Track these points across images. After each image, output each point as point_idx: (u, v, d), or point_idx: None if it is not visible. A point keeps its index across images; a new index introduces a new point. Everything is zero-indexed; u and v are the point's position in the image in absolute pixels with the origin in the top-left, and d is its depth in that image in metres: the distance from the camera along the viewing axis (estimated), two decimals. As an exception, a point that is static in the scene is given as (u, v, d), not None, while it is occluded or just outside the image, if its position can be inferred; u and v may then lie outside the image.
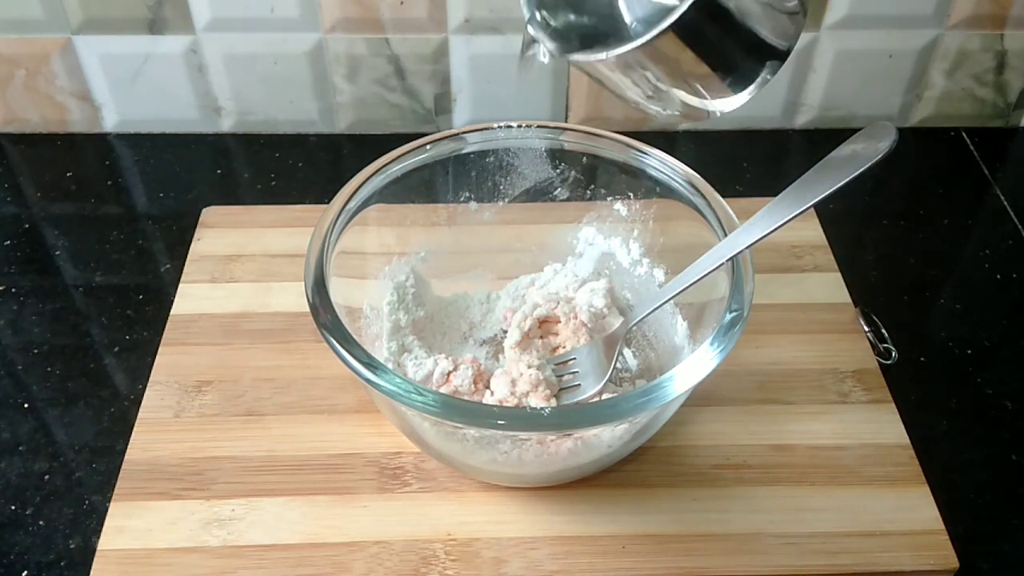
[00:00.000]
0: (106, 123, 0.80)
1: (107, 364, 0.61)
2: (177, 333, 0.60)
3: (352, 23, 0.74)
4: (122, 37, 0.75)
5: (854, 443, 0.53)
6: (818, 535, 0.49)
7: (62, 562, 0.50)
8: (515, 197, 0.58)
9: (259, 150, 0.80)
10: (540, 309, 0.54)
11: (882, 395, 0.56)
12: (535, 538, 0.49)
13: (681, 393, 0.43)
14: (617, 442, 0.47)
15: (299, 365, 0.58)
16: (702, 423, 0.54)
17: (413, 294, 0.57)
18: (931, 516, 0.50)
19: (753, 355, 0.57)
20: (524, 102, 0.79)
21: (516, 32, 0.74)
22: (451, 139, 0.55)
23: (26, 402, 0.59)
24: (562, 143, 0.56)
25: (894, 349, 0.60)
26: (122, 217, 0.73)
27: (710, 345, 0.44)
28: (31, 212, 0.73)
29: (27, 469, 0.55)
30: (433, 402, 0.42)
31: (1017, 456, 0.56)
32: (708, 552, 0.49)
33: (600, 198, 0.58)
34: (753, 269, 0.47)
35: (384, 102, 0.79)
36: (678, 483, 0.52)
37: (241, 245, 0.66)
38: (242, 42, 0.75)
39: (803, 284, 0.63)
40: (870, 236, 0.71)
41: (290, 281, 0.63)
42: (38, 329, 0.63)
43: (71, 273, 0.68)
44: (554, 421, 0.42)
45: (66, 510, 0.53)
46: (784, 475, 0.52)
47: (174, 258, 0.68)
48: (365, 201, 0.52)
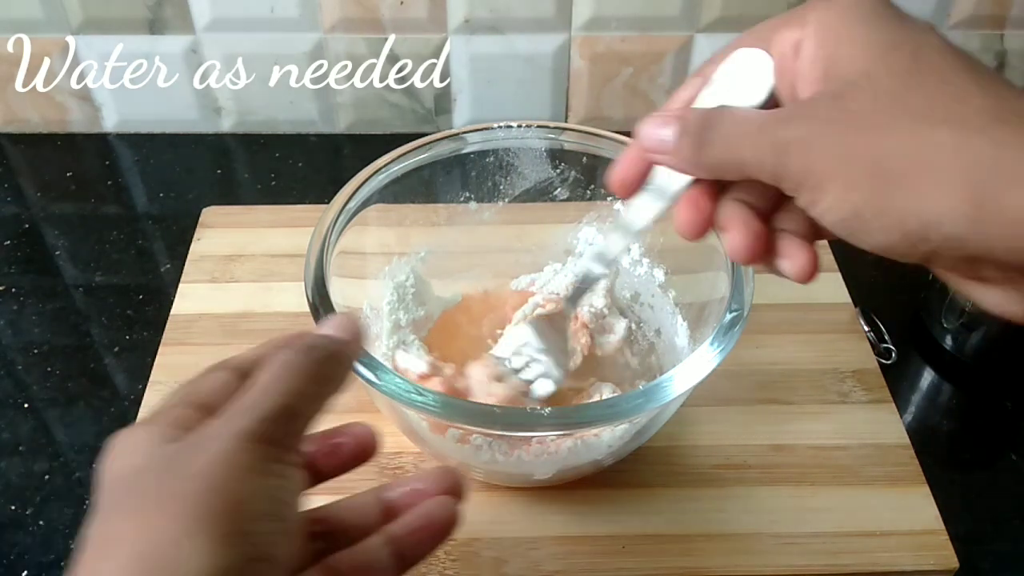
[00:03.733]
0: (106, 123, 0.80)
1: (107, 364, 0.61)
2: (177, 333, 0.60)
3: (352, 23, 0.74)
4: (122, 37, 0.74)
5: (854, 443, 0.53)
6: (818, 535, 0.49)
7: (62, 562, 0.50)
8: (515, 197, 0.58)
9: (259, 150, 0.80)
10: (540, 309, 0.54)
11: (882, 395, 0.56)
12: (535, 538, 0.49)
13: (681, 393, 0.43)
14: (617, 442, 0.47)
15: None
16: (702, 423, 0.54)
17: (413, 294, 0.57)
18: (931, 516, 0.50)
19: (753, 355, 0.57)
20: (524, 102, 0.79)
21: (516, 32, 0.74)
22: (451, 139, 0.55)
23: (26, 402, 0.59)
24: (562, 143, 0.56)
25: (894, 349, 0.60)
26: (122, 217, 0.73)
27: (710, 345, 0.44)
28: (31, 212, 0.73)
29: (27, 469, 0.55)
30: (433, 402, 0.42)
31: (1017, 456, 0.56)
32: (708, 552, 0.49)
33: (600, 198, 0.58)
34: (753, 269, 0.47)
35: (384, 102, 0.79)
36: (678, 483, 0.52)
37: (241, 245, 0.66)
38: (242, 42, 0.75)
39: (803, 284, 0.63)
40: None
41: (290, 281, 0.63)
42: (38, 329, 0.63)
43: (71, 273, 0.68)
44: (554, 421, 0.42)
45: (66, 510, 0.53)
46: (784, 475, 0.52)
47: (174, 258, 0.68)
48: (365, 201, 0.52)
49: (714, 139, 0.32)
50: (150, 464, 0.30)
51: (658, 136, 0.34)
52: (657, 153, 0.34)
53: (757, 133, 0.31)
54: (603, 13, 0.73)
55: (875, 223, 0.29)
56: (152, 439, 0.31)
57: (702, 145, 0.32)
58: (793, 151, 0.30)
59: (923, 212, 0.28)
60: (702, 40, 0.75)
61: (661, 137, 0.34)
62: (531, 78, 0.77)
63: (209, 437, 0.30)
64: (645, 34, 0.75)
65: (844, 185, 0.29)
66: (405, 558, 0.35)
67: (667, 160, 0.34)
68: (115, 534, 0.28)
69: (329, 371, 0.34)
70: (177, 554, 0.27)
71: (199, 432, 0.31)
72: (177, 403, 0.33)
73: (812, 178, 0.30)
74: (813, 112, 0.30)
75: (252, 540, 0.29)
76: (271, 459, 0.30)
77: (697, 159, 0.33)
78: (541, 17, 0.74)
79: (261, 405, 0.31)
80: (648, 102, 0.79)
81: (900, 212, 0.28)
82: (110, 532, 0.29)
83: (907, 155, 0.28)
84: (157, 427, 0.32)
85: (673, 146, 0.33)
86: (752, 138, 0.31)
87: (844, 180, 0.29)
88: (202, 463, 0.29)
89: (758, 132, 0.31)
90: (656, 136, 0.34)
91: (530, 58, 0.76)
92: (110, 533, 0.29)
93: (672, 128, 0.33)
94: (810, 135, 0.30)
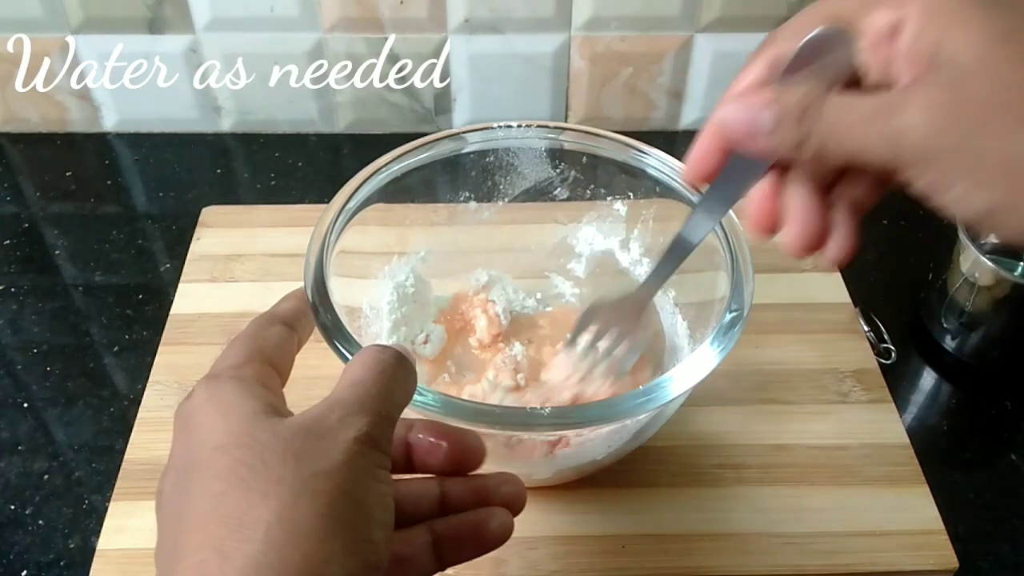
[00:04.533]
0: (106, 122, 0.80)
1: (107, 364, 0.61)
2: (177, 333, 0.60)
3: (352, 22, 0.74)
4: (122, 36, 0.74)
5: (854, 443, 0.53)
6: (818, 535, 0.49)
7: (61, 562, 0.50)
8: (515, 197, 0.58)
9: (259, 149, 0.80)
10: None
11: (882, 395, 0.56)
12: (535, 538, 0.49)
13: (681, 393, 0.43)
14: (617, 442, 0.47)
15: (299, 364, 0.56)
16: (702, 423, 0.54)
17: (413, 294, 0.57)
18: (931, 516, 0.50)
19: (753, 355, 0.57)
20: (524, 102, 0.79)
21: (516, 32, 0.74)
22: (451, 139, 0.55)
23: (25, 402, 0.59)
24: (562, 143, 0.56)
25: (894, 349, 0.60)
26: (121, 216, 0.73)
27: (710, 345, 0.44)
28: (30, 211, 0.73)
29: (26, 469, 0.55)
30: (433, 402, 0.42)
31: (1017, 456, 0.56)
32: (708, 552, 0.49)
33: (600, 198, 0.58)
34: (753, 269, 0.47)
35: (384, 102, 0.79)
36: (678, 483, 0.52)
37: (241, 245, 0.66)
38: (242, 41, 0.75)
39: (803, 284, 0.63)
40: (870, 236, 0.70)
41: (290, 281, 0.62)
42: (37, 329, 0.63)
43: (70, 272, 0.68)
44: (554, 421, 0.42)
45: (65, 510, 0.53)
46: (784, 475, 0.52)
47: (174, 257, 0.68)
48: (365, 201, 0.52)
49: (819, 125, 0.30)
50: (271, 443, 0.29)
51: (752, 120, 0.32)
52: (749, 138, 0.32)
53: (869, 120, 0.29)
54: (603, 13, 0.73)
55: (1011, 220, 0.28)
56: (246, 401, 0.31)
57: (806, 131, 0.31)
58: (912, 142, 0.28)
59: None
60: (702, 40, 0.75)
61: (757, 121, 0.32)
62: (531, 78, 0.77)
63: (330, 431, 0.30)
64: (645, 34, 0.75)
65: (976, 183, 0.28)
66: (445, 560, 0.35)
67: (762, 145, 0.32)
68: (250, 516, 0.27)
69: (411, 386, 0.34)
70: (319, 553, 0.27)
71: (315, 420, 0.30)
72: (250, 355, 0.33)
73: (935, 171, 0.28)
74: (929, 99, 0.28)
75: (373, 548, 0.29)
76: (381, 464, 0.30)
77: (800, 145, 0.31)
78: (541, 17, 0.74)
79: (371, 408, 0.31)
80: (648, 102, 0.79)
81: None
82: (240, 511, 0.27)
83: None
84: (244, 383, 0.32)
85: (771, 131, 0.31)
86: (864, 126, 0.29)
87: (976, 178, 0.28)
88: (331, 461, 0.29)
89: (871, 119, 0.29)
90: (749, 120, 0.32)
91: (530, 58, 0.76)
92: (241, 512, 0.27)
93: (770, 112, 0.31)
94: (931, 126, 0.28)
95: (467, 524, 0.35)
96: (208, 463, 0.29)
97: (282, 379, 0.36)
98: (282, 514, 0.27)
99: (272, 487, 0.28)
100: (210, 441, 0.30)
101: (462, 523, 0.35)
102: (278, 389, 0.35)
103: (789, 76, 0.33)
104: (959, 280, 0.58)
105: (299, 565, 0.26)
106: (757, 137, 0.32)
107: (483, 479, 0.36)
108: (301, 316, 0.40)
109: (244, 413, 0.30)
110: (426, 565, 0.35)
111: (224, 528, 0.27)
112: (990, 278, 0.56)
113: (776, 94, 0.32)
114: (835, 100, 0.31)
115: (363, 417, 0.30)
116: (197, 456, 0.30)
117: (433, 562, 0.35)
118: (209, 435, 0.30)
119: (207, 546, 0.27)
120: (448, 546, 0.35)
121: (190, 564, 0.27)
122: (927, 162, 0.28)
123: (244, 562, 0.26)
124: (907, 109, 0.29)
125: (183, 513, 0.29)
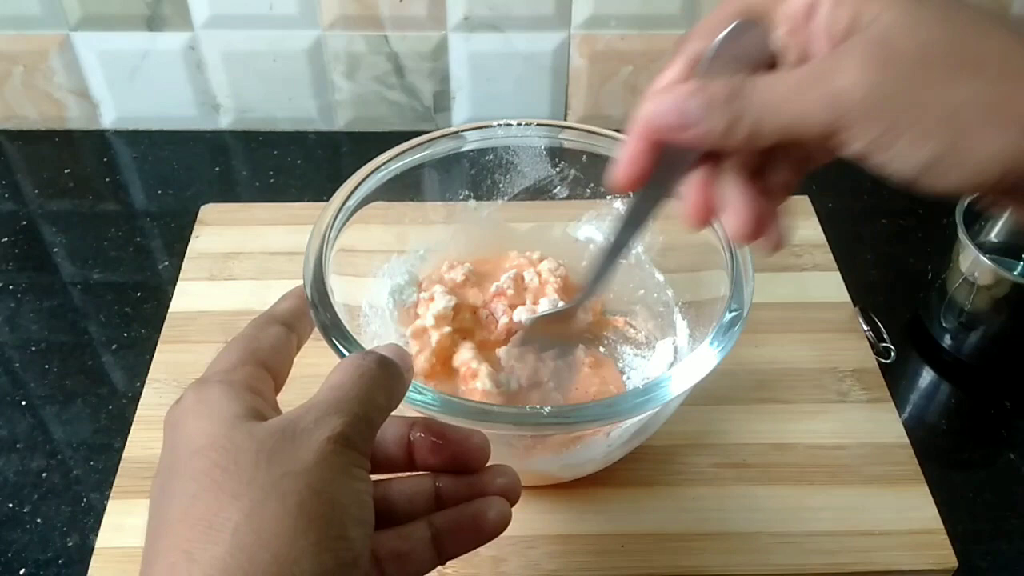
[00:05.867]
0: (104, 120, 0.80)
1: (105, 361, 0.61)
2: (175, 331, 0.60)
3: (351, 20, 0.73)
4: (120, 34, 0.74)
5: (853, 442, 0.53)
6: (817, 534, 0.49)
7: (60, 560, 0.50)
8: (514, 195, 0.58)
9: (258, 147, 0.79)
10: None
11: (881, 394, 0.56)
12: (534, 537, 0.49)
13: (680, 393, 0.42)
14: (617, 441, 0.47)
15: (298, 363, 0.56)
16: (702, 423, 0.54)
17: (412, 293, 0.57)
18: (930, 516, 0.50)
19: (753, 354, 0.57)
20: (523, 100, 0.79)
21: (515, 30, 0.74)
22: (450, 137, 0.55)
23: (24, 399, 0.59)
24: (561, 141, 0.56)
25: (893, 348, 0.60)
26: (120, 214, 0.73)
27: (710, 345, 0.44)
28: (29, 209, 0.73)
29: (25, 467, 0.55)
30: (433, 401, 0.42)
31: (1016, 456, 0.56)
32: (708, 551, 0.49)
33: (600, 196, 0.58)
34: (753, 268, 0.47)
35: (383, 100, 0.79)
36: (678, 482, 0.52)
37: (240, 243, 0.66)
38: (241, 39, 0.75)
39: (802, 283, 0.63)
40: (869, 235, 0.71)
41: (289, 279, 0.63)
42: (36, 326, 0.63)
43: (69, 270, 0.68)
44: (554, 420, 0.42)
45: (64, 508, 0.53)
46: (783, 474, 0.52)
47: (172, 255, 0.68)
48: (364, 199, 0.52)
49: (750, 106, 0.30)
50: (245, 445, 0.29)
51: (680, 110, 0.31)
52: (679, 129, 0.32)
53: (805, 88, 0.29)
54: (602, 11, 0.73)
55: (952, 170, 0.28)
56: (230, 405, 0.31)
57: (737, 113, 0.30)
58: (852, 98, 0.28)
59: (1006, 156, 0.27)
60: (702, 38, 0.75)
61: (685, 110, 0.31)
62: (530, 76, 0.77)
63: (304, 432, 0.30)
64: (644, 32, 0.75)
65: (920, 132, 0.28)
66: (445, 552, 0.35)
67: (693, 134, 0.31)
68: (219, 518, 0.27)
69: (396, 389, 0.34)
70: (289, 553, 0.27)
71: (291, 422, 0.30)
72: (242, 358, 0.33)
73: (876, 126, 0.28)
74: (863, 56, 0.28)
75: (347, 545, 0.29)
76: (357, 464, 0.30)
77: (732, 129, 0.31)
78: (540, 15, 0.73)
79: (348, 409, 0.31)
80: (647, 100, 0.79)
81: (981, 157, 0.28)
82: (210, 513, 0.28)
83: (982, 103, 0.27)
84: (231, 388, 0.32)
85: (699, 119, 0.31)
86: (799, 94, 0.29)
87: (919, 127, 0.28)
88: (303, 462, 0.29)
89: (806, 87, 0.29)
90: (677, 111, 0.31)
91: (529, 56, 0.76)
92: (211, 515, 0.28)
93: (697, 99, 0.31)
94: (868, 79, 0.28)
95: (465, 515, 0.35)
96: (186, 466, 0.30)
97: (280, 380, 0.36)
98: (251, 515, 0.27)
99: (242, 488, 0.28)
100: (191, 444, 0.30)
101: (460, 515, 0.36)
102: (268, 392, 0.35)
103: (709, 70, 0.33)
104: (958, 279, 0.58)
105: (268, 565, 0.27)
106: (687, 127, 0.31)
107: (477, 472, 0.37)
108: (300, 315, 0.40)
109: (226, 417, 0.31)
110: (426, 559, 0.35)
111: (193, 531, 0.28)
112: (989, 277, 0.56)
113: (700, 83, 0.32)
114: (763, 78, 0.31)
115: (338, 417, 0.30)
116: (178, 459, 0.30)
117: (433, 556, 0.35)
118: (191, 438, 0.30)
119: (177, 548, 0.27)
120: (447, 539, 0.35)
121: (161, 567, 0.27)
122: (869, 118, 0.28)
123: (211, 564, 0.26)
124: (842, 69, 0.29)
125: (162, 515, 0.29)
